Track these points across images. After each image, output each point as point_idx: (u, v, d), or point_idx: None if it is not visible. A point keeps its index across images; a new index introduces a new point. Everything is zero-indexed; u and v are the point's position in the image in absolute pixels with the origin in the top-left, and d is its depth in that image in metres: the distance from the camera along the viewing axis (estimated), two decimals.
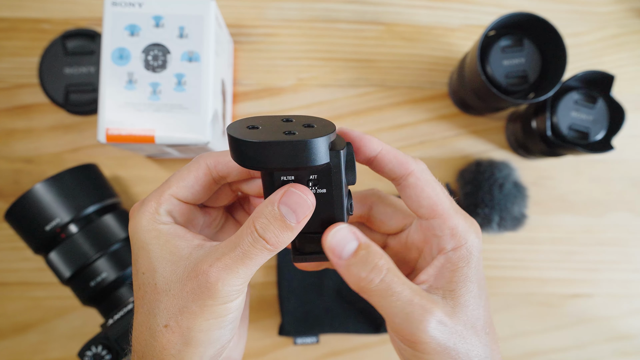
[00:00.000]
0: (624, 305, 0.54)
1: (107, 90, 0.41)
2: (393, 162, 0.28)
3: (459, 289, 0.27)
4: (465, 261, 0.27)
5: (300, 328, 0.51)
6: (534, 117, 0.48)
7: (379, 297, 0.25)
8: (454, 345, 0.25)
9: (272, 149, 0.24)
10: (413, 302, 0.25)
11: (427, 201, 0.28)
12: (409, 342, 0.26)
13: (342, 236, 0.26)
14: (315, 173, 0.26)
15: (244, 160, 0.25)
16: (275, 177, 0.26)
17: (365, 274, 0.25)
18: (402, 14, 0.55)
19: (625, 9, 0.56)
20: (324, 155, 0.25)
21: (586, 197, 0.54)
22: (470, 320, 0.26)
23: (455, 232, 0.27)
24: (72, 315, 0.51)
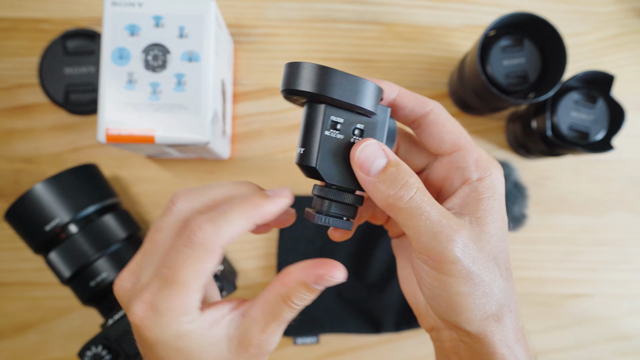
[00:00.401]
0: (624, 305, 0.54)
1: (107, 90, 0.41)
2: (412, 102, 0.28)
3: (485, 216, 0.26)
4: (491, 191, 0.27)
5: (300, 328, 0.51)
6: (534, 117, 0.48)
7: (407, 215, 0.25)
8: (479, 271, 0.25)
9: (337, 77, 0.25)
10: (442, 222, 0.25)
11: (449, 135, 0.28)
12: (435, 263, 0.25)
13: (371, 151, 0.26)
14: (363, 122, 0.27)
15: (308, 83, 0.25)
16: (326, 114, 0.26)
17: (395, 190, 0.25)
18: (402, 14, 0.55)
19: (625, 9, 0.56)
20: (375, 102, 0.26)
21: (586, 197, 0.54)
22: (493, 251, 0.26)
23: (480, 163, 0.27)
24: (72, 315, 0.51)
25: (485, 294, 0.25)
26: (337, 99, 0.25)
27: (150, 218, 0.52)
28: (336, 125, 0.26)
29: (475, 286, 0.25)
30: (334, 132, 0.26)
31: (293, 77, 0.25)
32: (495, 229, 0.26)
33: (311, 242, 0.51)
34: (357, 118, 0.27)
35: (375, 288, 0.51)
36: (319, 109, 0.26)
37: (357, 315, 0.51)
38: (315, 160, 0.26)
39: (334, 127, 0.26)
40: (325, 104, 0.26)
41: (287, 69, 0.26)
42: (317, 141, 0.26)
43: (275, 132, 0.53)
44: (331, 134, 0.26)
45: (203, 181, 0.52)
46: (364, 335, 0.52)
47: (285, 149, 0.53)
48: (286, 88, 0.26)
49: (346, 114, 0.26)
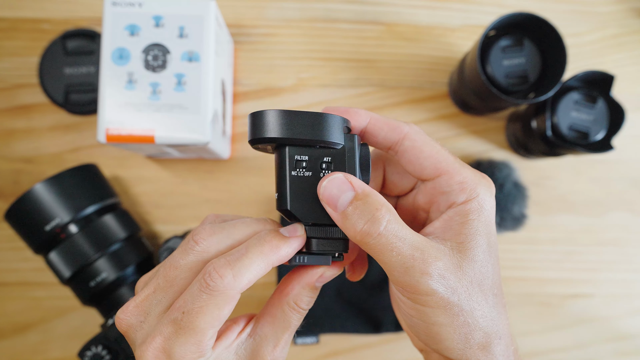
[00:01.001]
0: (624, 305, 0.54)
1: (107, 90, 0.41)
2: (384, 129, 0.27)
3: (467, 241, 0.25)
4: (476, 214, 0.25)
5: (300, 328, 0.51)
6: (534, 117, 0.48)
7: (378, 251, 0.24)
8: (458, 301, 0.24)
9: (294, 118, 0.25)
10: (414, 256, 0.24)
11: (428, 160, 0.27)
12: (410, 294, 0.24)
13: (335, 185, 0.25)
14: (329, 155, 0.26)
15: (268, 129, 0.25)
16: (290, 156, 0.26)
17: (362, 226, 0.24)
18: (402, 14, 0.55)
19: (625, 9, 0.56)
20: (338, 133, 0.26)
21: (586, 197, 0.54)
22: (477, 277, 0.25)
23: (465, 186, 0.26)
24: (72, 315, 0.51)
25: (466, 324, 0.24)
26: (296, 137, 0.25)
27: (150, 218, 0.52)
28: (302, 163, 0.26)
29: (454, 316, 0.24)
30: (301, 170, 0.26)
31: (255, 126, 0.26)
32: (480, 253, 0.25)
33: None
34: (323, 152, 0.26)
35: (375, 288, 0.51)
36: (283, 152, 0.26)
37: (357, 315, 0.51)
38: (288, 202, 0.26)
39: (299, 166, 0.26)
40: (287, 146, 0.26)
41: (250, 120, 0.26)
42: (287, 183, 0.26)
43: None
44: (298, 173, 0.26)
45: (203, 181, 0.52)
46: (364, 335, 0.52)
47: None
48: (251, 138, 0.26)
49: (310, 151, 0.26)
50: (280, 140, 0.26)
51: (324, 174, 0.26)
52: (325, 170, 0.26)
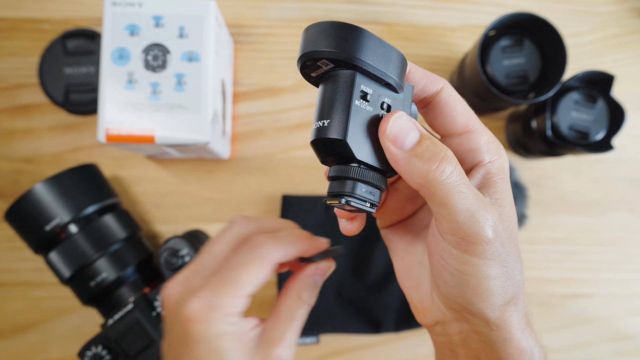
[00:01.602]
0: (624, 305, 0.54)
1: (107, 90, 0.41)
2: (424, 79, 0.27)
3: (502, 198, 0.26)
4: (503, 173, 0.27)
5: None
6: (534, 117, 0.48)
7: (447, 192, 0.23)
8: (507, 254, 0.25)
9: (369, 41, 0.22)
10: (478, 200, 0.24)
11: (461, 116, 0.27)
12: (468, 244, 0.24)
13: (403, 123, 0.24)
14: (390, 97, 0.25)
15: (337, 44, 0.22)
16: (358, 83, 0.23)
17: (435, 164, 0.23)
18: (402, 14, 0.55)
19: (625, 9, 0.56)
20: (403, 75, 0.24)
21: (586, 197, 0.54)
22: (513, 232, 0.26)
23: (491, 146, 0.27)
24: (72, 315, 0.51)
25: (509, 277, 0.25)
26: (370, 64, 0.22)
27: (150, 218, 0.52)
28: (366, 96, 0.24)
29: (502, 269, 0.25)
30: (364, 102, 0.24)
31: (317, 39, 0.22)
32: (511, 210, 0.26)
33: None
34: (385, 92, 0.24)
35: (375, 288, 0.51)
36: (348, 76, 0.23)
37: (357, 315, 0.51)
38: (345, 132, 0.23)
39: (364, 98, 0.24)
40: (355, 71, 0.23)
41: (307, 32, 0.23)
42: (347, 111, 0.23)
43: (275, 132, 0.53)
44: (361, 104, 0.23)
45: (203, 181, 0.52)
46: (364, 335, 0.52)
47: (285, 149, 0.53)
48: (309, 51, 0.23)
49: (375, 86, 0.24)
50: (350, 63, 0.23)
51: (383, 114, 0.24)
52: (384, 112, 0.24)
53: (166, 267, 0.44)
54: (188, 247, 0.45)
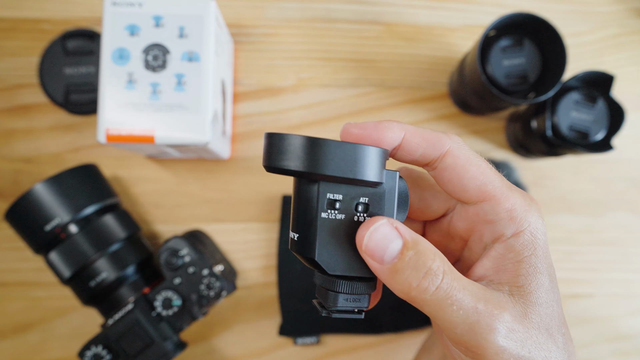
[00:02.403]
0: (624, 305, 0.54)
1: (107, 90, 0.41)
2: (422, 145, 0.23)
3: (528, 283, 0.22)
4: (531, 248, 0.22)
5: (300, 328, 0.51)
6: (534, 117, 0.48)
7: (435, 307, 0.21)
8: (529, 354, 0.21)
9: (330, 149, 0.20)
10: (477, 309, 0.21)
11: (473, 182, 0.23)
12: (474, 354, 0.21)
13: (382, 234, 0.21)
14: (366, 195, 0.22)
15: (295, 160, 0.21)
16: (322, 193, 0.22)
17: (417, 281, 0.21)
18: (402, 14, 0.55)
19: (625, 9, 0.56)
20: (380, 169, 0.22)
21: (586, 197, 0.54)
22: (544, 321, 0.22)
23: (514, 215, 0.23)
24: (72, 315, 0.51)
25: None
26: (334, 175, 0.21)
27: (150, 218, 0.52)
28: (334, 203, 0.22)
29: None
30: (333, 212, 0.22)
31: (276, 151, 0.21)
32: (543, 294, 0.22)
33: None
34: (360, 190, 0.22)
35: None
36: (312, 188, 0.22)
37: None
38: (315, 250, 0.22)
39: (331, 207, 0.22)
40: (319, 181, 0.22)
41: (267, 141, 0.22)
42: (314, 226, 0.22)
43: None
44: (329, 215, 0.22)
45: (203, 181, 0.52)
46: (364, 335, 0.52)
47: None
48: (269, 165, 0.22)
49: (346, 188, 0.22)
50: (311, 176, 0.21)
51: (359, 218, 0.22)
52: (360, 214, 0.22)
53: (166, 267, 0.44)
54: (188, 247, 0.45)
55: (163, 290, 0.44)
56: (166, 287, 0.44)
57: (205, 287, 0.44)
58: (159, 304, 0.44)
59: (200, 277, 0.44)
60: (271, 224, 0.52)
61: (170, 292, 0.44)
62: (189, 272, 0.44)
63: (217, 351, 0.51)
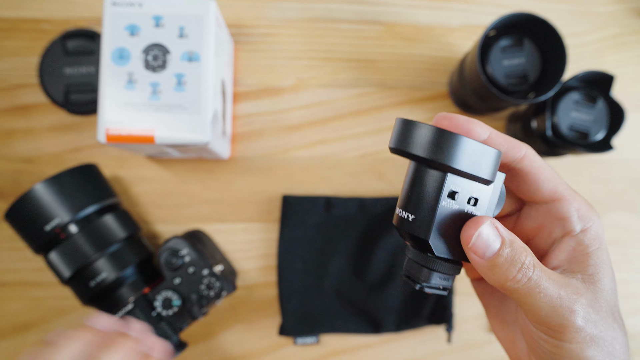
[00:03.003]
0: (624, 305, 0.53)
1: (107, 90, 0.41)
2: (504, 145, 0.26)
3: (597, 272, 0.26)
4: (598, 243, 0.26)
5: (300, 328, 0.51)
6: (534, 117, 0.48)
7: (525, 294, 0.24)
8: (601, 333, 0.25)
9: (461, 145, 0.23)
10: (560, 295, 0.24)
11: (547, 183, 0.27)
12: (555, 333, 0.25)
13: (486, 235, 0.24)
14: (479, 191, 0.25)
15: (428, 149, 0.23)
16: (446, 186, 0.24)
17: (513, 274, 0.24)
18: (402, 14, 0.55)
19: (625, 9, 0.56)
20: (495, 170, 0.24)
21: (586, 197, 0.54)
22: (610, 306, 0.26)
23: (582, 214, 0.26)
24: (72, 315, 0.51)
25: (609, 354, 0.25)
26: (461, 170, 0.23)
27: (150, 218, 0.52)
28: (454, 195, 0.24)
29: (599, 348, 0.25)
30: (451, 202, 0.24)
31: (408, 137, 0.23)
32: (608, 282, 0.26)
33: (311, 242, 0.51)
34: (474, 186, 0.25)
35: (375, 288, 0.51)
36: (438, 177, 0.24)
37: (357, 315, 0.51)
38: (429, 233, 0.24)
39: (451, 197, 0.24)
40: (446, 173, 0.24)
41: (399, 126, 0.24)
42: (434, 212, 0.24)
43: (275, 132, 0.53)
44: (447, 204, 0.24)
45: (203, 181, 0.52)
46: (364, 335, 0.52)
47: (285, 149, 0.53)
48: (399, 148, 0.24)
49: (464, 182, 0.24)
50: (444, 169, 0.23)
51: (469, 211, 0.25)
52: (470, 207, 0.25)
53: (166, 267, 0.44)
54: (188, 247, 0.45)
55: (163, 290, 0.44)
56: (166, 287, 0.44)
57: (205, 287, 0.44)
58: (159, 304, 0.44)
59: (200, 277, 0.44)
60: (271, 224, 0.52)
61: (170, 292, 0.44)
62: (189, 272, 0.44)
63: (217, 351, 0.51)
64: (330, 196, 0.52)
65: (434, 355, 0.52)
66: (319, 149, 0.53)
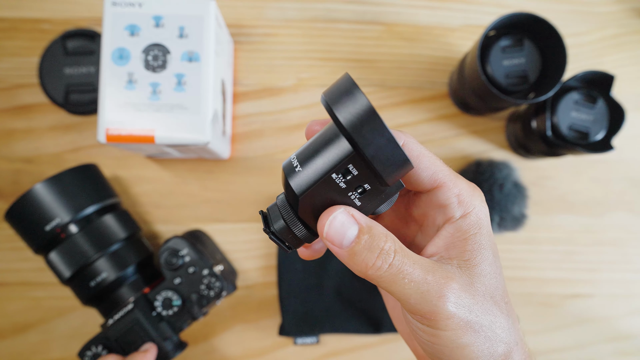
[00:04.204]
0: (624, 305, 0.54)
1: (107, 90, 0.41)
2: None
3: (473, 257, 0.25)
4: (477, 227, 0.25)
5: (300, 328, 0.51)
6: (534, 117, 0.48)
7: (390, 282, 0.24)
8: (477, 318, 0.24)
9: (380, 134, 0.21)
10: (427, 280, 0.23)
11: (426, 172, 0.26)
12: (428, 321, 0.24)
13: (340, 223, 0.23)
14: (371, 185, 0.24)
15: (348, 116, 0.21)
16: (344, 162, 0.22)
17: (372, 261, 0.23)
18: (402, 14, 0.55)
19: (625, 9, 0.56)
20: (397, 179, 0.23)
21: (586, 197, 0.54)
22: (489, 290, 0.25)
23: (462, 199, 0.25)
24: (72, 315, 0.51)
25: (488, 339, 0.24)
26: (368, 158, 0.21)
27: (150, 218, 0.52)
28: (347, 174, 0.23)
29: (476, 334, 0.24)
30: (340, 178, 0.23)
31: (342, 99, 0.22)
32: (487, 266, 0.25)
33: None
34: (370, 179, 0.23)
35: (375, 288, 0.51)
36: (345, 150, 0.22)
37: (357, 315, 0.51)
38: (303, 191, 0.23)
39: (344, 175, 0.23)
40: (353, 150, 0.22)
41: (342, 84, 0.22)
42: (320, 177, 0.23)
43: (275, 132, 0.53)
44: (336, 178, 0.23)
45: (203, 181, 0.52)
46: (364, 335, 0.52)
47: (285, 149, 0.53)
48: (329, 105, 0.22)
49: (363, 170, 0.23)
50: (352, 141, 0.22)
51: (352, 196, 0.24)
52: (355, 194, 0.24)
53: (166, 267, 0.44)
54: (188, 247, 0.45)
55: (163, 290, 0.44)
56: (166, 287, 0.44)
57: (205, 287, 0.44)
58: (159, 304, 0.44)
59: (200, 277, 0.44)
60: None
61: (170, 292, 0.44)
62: (189, 272, 0.44)
63: (217, 351, 0.51)
64: None
65: None
66: None
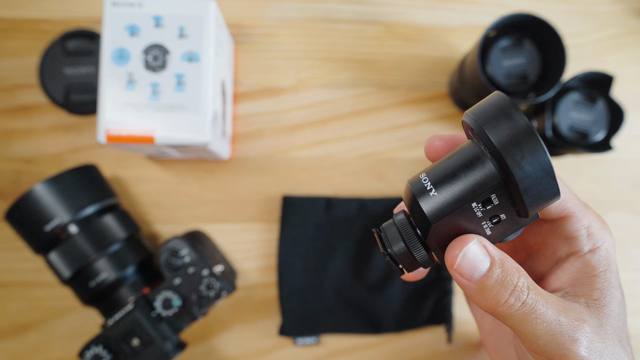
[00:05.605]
0: None
1: (107, 90, 0.41)
2: None
3: (603, 297, 0.23)
4: (607, 264, 0.24)
5: (300, 328, 0.51)
6: (534, 117, 0.48)
7: (519, 321, 0.22)
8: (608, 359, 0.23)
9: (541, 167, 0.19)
10: (560, 321, 0.22)
11: None
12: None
13: (472, 257, 0.22)
14: (507, 215, 0.22)
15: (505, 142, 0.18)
16: (488, 192, 0.21)
17: (505, 297, 0.22)
18: (402, 14, 0.55)
19: (625, 9, 0.56)
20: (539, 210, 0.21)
21: (586, 197, 0.54)
22: (617, 332, 0.23)
23: (592, 232, 0.24)
24: (72, 315, 0.51)
25: None
26: (521, 190, 0.19)
27: (150, 218, 0.52)
28: (487, 205, 0.21)
29: None
30: (480, 207, 0.21)
31: (491, 117, 0.19)
32: (616, 307, 0.24)
33: (311, 242, 0.51)
34: (509, 209, 0.21)
35: (375, 288, 0.51)
36: (490, 176, 0.20)
37: (357, 315, 0.51)
38: (437, 219, 0.21)
39: (484, 205, 0.21)
40: (502, 179, 0.20)
41: (496, 101, 0.20)
42: (458, 205, 0.21)
43: (275, 132, 0.53)
44: (475, 208, 0.21)
45: (203, 181, 0.52)
46: (364, 335, 0.52)
47: (285, 149, 0.53)
48: (479, 124, 0.19)
49: (505, 200, 0.21)
50: (504, 170, 0.19)
51: (486, 225, 0.22)
52: (488, 223, 0.22)
53: (166, 268, 0.44)
54: (188, 247, 0.45)
55: (163, 291, 0.44)
56: (166, 287, 0.44)
57: (205, 288, 0.44)
58: (159, 304, 0.44)
59: (200, 278, 0.44)
60: (271, 224, 0.52)
61: (170, 292, 0.44)
62: (189, 273, 0.44)
63: (217, 351, 0.51)
64: (330, 196, 0.52)
65: (434, 355, 0.52)
66: (319, 149, 0.53)
